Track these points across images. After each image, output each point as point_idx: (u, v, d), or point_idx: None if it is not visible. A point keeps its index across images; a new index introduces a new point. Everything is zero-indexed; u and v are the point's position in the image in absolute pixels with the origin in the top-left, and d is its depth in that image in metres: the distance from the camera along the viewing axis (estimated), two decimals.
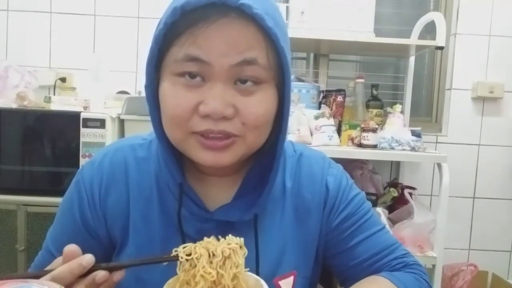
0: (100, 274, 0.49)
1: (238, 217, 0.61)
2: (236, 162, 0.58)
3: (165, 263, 0.52)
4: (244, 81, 0.54)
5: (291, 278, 0.66)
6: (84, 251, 0.51)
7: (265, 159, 0.62)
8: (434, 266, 1.65)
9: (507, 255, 2.25)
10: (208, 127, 0.53)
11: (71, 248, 0.50)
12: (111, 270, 0.51)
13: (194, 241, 0.53)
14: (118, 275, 0.50)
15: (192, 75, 0.53)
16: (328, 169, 0.72)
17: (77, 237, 0.64)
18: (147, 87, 0.57)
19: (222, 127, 0.53)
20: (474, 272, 2.05)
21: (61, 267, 0.48)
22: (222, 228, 0.59)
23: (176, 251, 0.51)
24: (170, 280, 0.52)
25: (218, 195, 0.64)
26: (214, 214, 0.61)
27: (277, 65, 0.55)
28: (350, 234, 0.68)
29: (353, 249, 0.68)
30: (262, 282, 0.53)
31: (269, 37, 0.53)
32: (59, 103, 1.73)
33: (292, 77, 1.91)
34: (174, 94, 0.54)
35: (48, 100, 1.74)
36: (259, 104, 0.54)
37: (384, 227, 0.71)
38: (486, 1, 2.16)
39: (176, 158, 0.60)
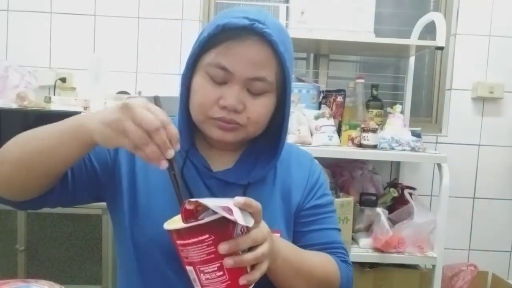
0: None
1: (234, 179, 0.78)
2: (237, 141, 0.77)
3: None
4: (254, 89, 0.73)
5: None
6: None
7: (259, 143, 0.82)
8: (434, 266, 1.65)
9: (507, 255, 2.25)
10: (222, 115, 0.72)
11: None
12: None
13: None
14: (164, 163, 0.61)
15: (218, 78, 0.72)
16: (313, 162, 0.90)
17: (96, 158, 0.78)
18: (184, 75, 0.75)
19: (232, 117, 0.72)
20: (474, 273, 2.06)
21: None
22: (221, 188, 0.78)
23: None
24: (170, 220, 0.64)
25: (221, 164, 0.81)
26: (216, 174, 0.79)
27: (282, 79, 0.75)
28: (314, 220, 0.83)
29: (310, 233, 0.82)
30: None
31: (279, 59, 0.72)
32: (59, 103, 1.73)
33: (292, 77, 1.91)
34: (203, 88, 0.72)
35: (48, 100, 1.74)
36: (262, 106, 0.74)
37: (339, 230, 0.87)
38: (486, 1, 2.16)
39: (190, 131, 0.78)
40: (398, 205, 1.82)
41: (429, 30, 2.01)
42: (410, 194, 1.74)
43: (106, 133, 0.60)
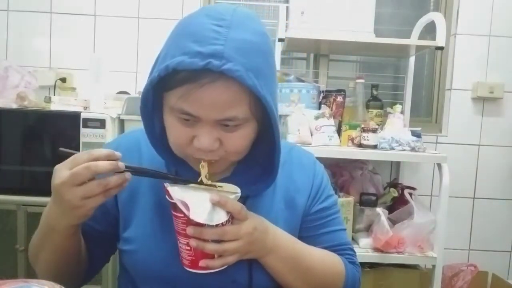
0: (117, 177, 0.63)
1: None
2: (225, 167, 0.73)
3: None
4: (227, 125, 0.65)
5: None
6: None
7: (255, 151, 0.74)
8: (434, 266, 1.65)
9: (507, 255, 2.25)
10: (200, 156, 0.68)
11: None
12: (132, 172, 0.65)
13: None
14: (128, 175, 0.64)
15: (186, 120, 0.65)
16: (315, 163, 0.87)
17: None
18: (143, 114, 0.71)
19: (210, 157, 0.68)
20: (474, 273, 2.05)
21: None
22: None
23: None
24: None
25: (217, 174, 0.76)
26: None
27: (262, 107, 0.64)
28: (321, 224, 0.82)
29: (318, 237, 0.81)
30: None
31: (251, 90, 0.60)
32: (59, 103, 1.73)
33: (292, 77, 1.92)
34: (175, 127, 0.66)
35: (48, 100, 1.74)
36: (240, 138, 0.67)
37: (345, 229, 0.87)
38: (486, 1, 2.16)
39: (170, 154, 0.73)
40: (398, 205, 1.82)
41: (429, 30, 2.01)
42: (410, 194, 1.73)
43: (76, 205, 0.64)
